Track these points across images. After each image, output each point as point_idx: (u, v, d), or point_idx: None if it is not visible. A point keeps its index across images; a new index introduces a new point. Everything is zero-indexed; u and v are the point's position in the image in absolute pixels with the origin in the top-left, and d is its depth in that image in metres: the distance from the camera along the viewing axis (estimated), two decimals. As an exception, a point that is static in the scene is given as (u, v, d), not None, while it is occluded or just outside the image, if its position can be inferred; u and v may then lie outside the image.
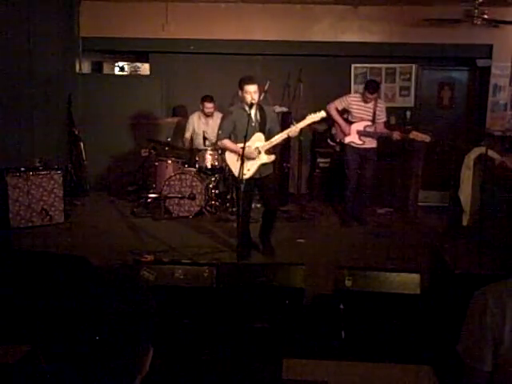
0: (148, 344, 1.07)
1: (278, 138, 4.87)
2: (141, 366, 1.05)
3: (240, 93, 4.83)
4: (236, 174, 4.80)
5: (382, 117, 6.34)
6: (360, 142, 6.32)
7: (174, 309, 3.24)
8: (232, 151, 4.93)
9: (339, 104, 6.39)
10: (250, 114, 4.80)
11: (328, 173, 7.64)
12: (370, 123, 6.29)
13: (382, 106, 6.36)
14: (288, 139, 5.14)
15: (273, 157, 4.94)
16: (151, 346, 1.08)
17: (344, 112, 6.51)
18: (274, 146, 5.01)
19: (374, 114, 6.27)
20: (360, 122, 6.31)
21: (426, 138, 6.09)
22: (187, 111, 7.78)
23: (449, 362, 2.63)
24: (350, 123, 6.36)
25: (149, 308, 1.07)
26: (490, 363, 1.45)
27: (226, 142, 4.96)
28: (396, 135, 6.14)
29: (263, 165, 4.92)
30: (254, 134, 4.83)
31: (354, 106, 6.34)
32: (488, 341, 1.45)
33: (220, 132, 4.99)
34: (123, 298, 1.01)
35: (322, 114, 4.87)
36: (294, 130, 4.83)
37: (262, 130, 4.89)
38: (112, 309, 0.97)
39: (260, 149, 4.86)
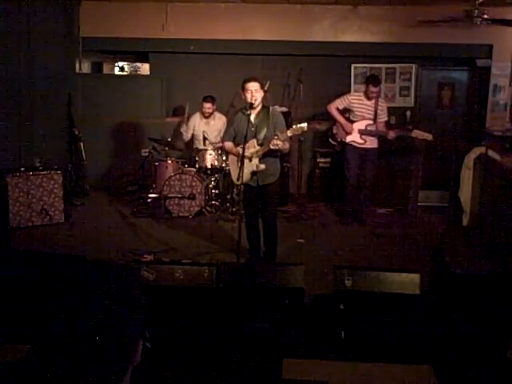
0: (137, 335, 1.14)
1: (264, 148, 4.58)
2: (132, 356, 1.12)
3: (242, 95, 4.65)
4: (234, 177, 4.85)
5: (383, 116, 6.33)
6: (361, 141, 6.31)
7: (174, 309, 3.24)
8: (231, 154, 4.95)
9: (340, 103, 6.37)
10: (249, 118, 4.62)
11: (328, 173, 7.63)
12: (371, 122, 6.27)
13: (383, 105, 6.36)
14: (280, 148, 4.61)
15: (262, 166, 4.61)
16: (140, 337, 1.15)
17: (345, 111, 6.51)
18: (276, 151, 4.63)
19: (376, 112, 6.26)
20: (362, 120, 6.30)
21: (429, 137, 6.06)
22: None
23: (449, 362, 2.63)
24: (352, 122, 6.36)
25: (136, 300, 1.13)
26: None
27: (226, 145, 4.98)
28: (392, 134, 6.14)
29: (257, 173, 4.67)
30: (251, 139, 4.61)
31: (356, 105, 6.33)
32: None
33: (224, 134, 5.01)
34: (111, 292, 1.08)
35: (304, 126, 4.46)
36: (274, 142, 4.42)
37: (258, 136, 4.64)
38: (100, 303, 1.03)
39: (252, 156, 4.63)
